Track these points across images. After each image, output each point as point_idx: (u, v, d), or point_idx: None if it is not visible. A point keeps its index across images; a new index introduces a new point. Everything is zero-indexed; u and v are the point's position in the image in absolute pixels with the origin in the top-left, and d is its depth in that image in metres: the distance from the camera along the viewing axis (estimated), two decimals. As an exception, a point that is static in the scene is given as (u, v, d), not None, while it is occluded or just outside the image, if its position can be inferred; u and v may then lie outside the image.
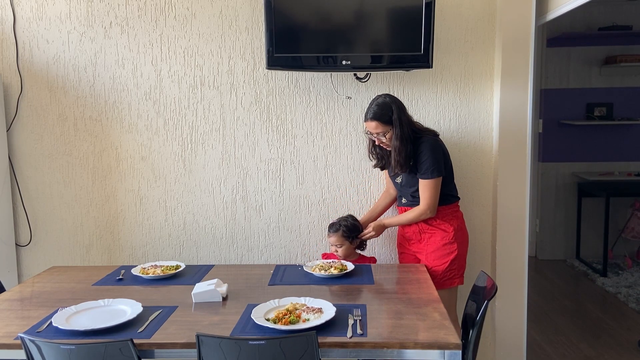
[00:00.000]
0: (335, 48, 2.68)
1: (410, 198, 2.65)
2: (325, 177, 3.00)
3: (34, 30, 2.95)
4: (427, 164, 2.52)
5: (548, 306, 4.09)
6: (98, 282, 2.42)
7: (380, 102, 2.53)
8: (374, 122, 2.51)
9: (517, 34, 2.76)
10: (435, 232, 2.61)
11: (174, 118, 2.98)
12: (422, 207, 2.57)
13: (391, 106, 2.51)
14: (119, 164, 3.02)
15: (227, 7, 2.89)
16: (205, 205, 3.03)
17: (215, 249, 3.07)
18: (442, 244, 2.58)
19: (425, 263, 2.61)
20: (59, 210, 3.07)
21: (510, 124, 2.82)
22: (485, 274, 2.25)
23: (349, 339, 1.75)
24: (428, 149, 2.53)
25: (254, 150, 2.98)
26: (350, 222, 2.71)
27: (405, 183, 2.64)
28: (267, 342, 1.65)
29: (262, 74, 2.92)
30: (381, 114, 2.50)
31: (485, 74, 2.90)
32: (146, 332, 1.84)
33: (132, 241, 3.08)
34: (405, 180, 2.63)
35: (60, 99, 3.00)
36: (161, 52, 2.93)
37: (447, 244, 2.58)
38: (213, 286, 2.13)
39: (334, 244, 2.68)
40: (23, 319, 2.00)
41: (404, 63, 2.71)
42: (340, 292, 2.23)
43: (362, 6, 2.64)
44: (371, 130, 2.54)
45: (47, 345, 1.68)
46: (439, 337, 1.75)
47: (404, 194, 2.69)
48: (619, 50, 5.00)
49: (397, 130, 2.49)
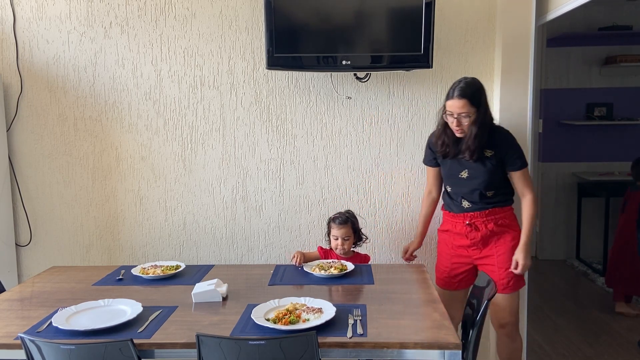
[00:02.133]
0: (335, 48, 2.68)
1: (476, 197, 2.47)
2: (325, 177, 3.00)
3: (34, 30, 2.95)
4: (518, 153, 2.45)
5: (548, 306, 4.09)
6: (98, 282, 2.42)
7: (470, 82, 2.40)
8: (463, 100, 2.34)
9: (517, 34, 2.76)
10: (506, 232, 2.50)
11: (174, 118, 2.98)
12: (531, 197, 2.46)
13: (480, 89, 2.40)
14: (119, 164, 3.03)
15: (227, 7, 2.89)
16: (205, 205, 3.03)
17: (215, 249, 3.07)
18: (512, 245, 2.48)
19: (496, 267, 2.48)
20: (59, 210, 3.08)
21: (510, 124, 2.81)
22: (486, 274, 2.25)
23: (349, 339, 1.75)
24: (514, 139, 2.45)
25: (254, 150, 2.98)
26: (353, 214, 2.71)
27: (474, 176, 2.45)
28: (267, 342, 1.65)
29: (262, 74, 2.92)
30: (472, 94, 2.36)
31: (485, 74, 2.90)
32: (146, 332, 1.84)
33: (132, 241, 3.08)
34: (473, 173, 2.45)
35: (60, 99, 3.00)
36: (161, 52, 2.93)
37: (516, 243, 2.48)
38: (213, 286, 2.13)
39: (342, 236, 2.62)
40: (23, 319, 2.00)
41: (404, 63, 2.71)
42: (340, 292, 2.23)
43: (362, 6, 2.64)
44: (456, 109, 2.36)
45: (47, 345, 1.68)
46: (439, 337, 1.75)
47: (466, 191, 2.49)
48: (619, 50, 5.00)
49: (481, 116, 2.36)
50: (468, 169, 2.47)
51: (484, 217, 2.49)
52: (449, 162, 2.54)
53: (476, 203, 2.49)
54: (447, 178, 2.58)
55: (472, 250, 2.54)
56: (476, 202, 2.49)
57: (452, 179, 2.55)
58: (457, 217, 2.55)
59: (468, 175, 2.48)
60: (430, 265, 3.03)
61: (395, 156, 2.98)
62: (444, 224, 2.66)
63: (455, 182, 2.54)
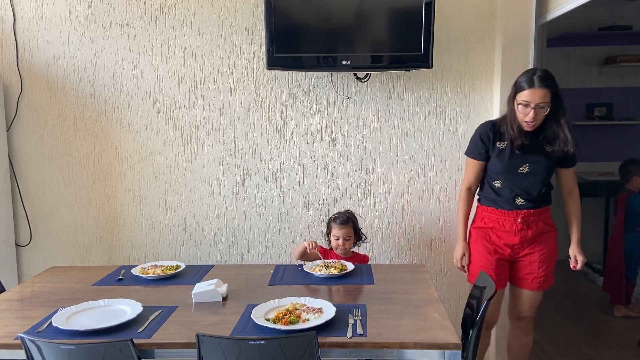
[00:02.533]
0: (335, 48, 2.68)
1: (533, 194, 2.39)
2: (325, 177, 3.00)
3: (34, 30, 2.95)
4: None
5: (548, 306, 4.09)
6: (98, 282, 2.42)
7: (547, 72, 2.31)
8: (545, 90, 2.25)
9: (517, 34, 2.76)
10: (550, 232, 2.50)
11: (174, 118, 2.98)
12: (578, 194, 2.46)
13: (555, 80, 2.32)
14: (119, 164, 3.02)
15: (227, 7, 2.89)
16: (205, 205, 3.03)
17: (215, 249, 3.07)
18: (554, 244, 2.50)
19: (536, 265, 2.47)
20: (59, 210, 3.08)
21: (510, 124, 2.82)
22: (485, 274, 2.25)
23: (349, 339, 1.75)
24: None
25: (254, 150, 2.98)
26: (353, 214, 2.71)
27: (536, 171, 2.37)
28: (267, 342, 1.65)
29: (262, 74, 2.92)
30: (554, 84, 2.28)
31: (485, 73, 2.90)
32: (146, 332, 1.84)
33: (132, 241, 3.08)
34: (535, 168, 2.37)
35: (60, 99, 3.00)
36: (161, 52, 2.93)
37: (556, 243, 2.51)
38: (213, 286, 2.13)
39: (343, 236, 2.62)
40: (23, 319, 2.00)
41: (404, 63, 2.71)
42: (340, 292, 2.23)
43: (362, 6, 2.64)
44: (536, 99, 2.25)
45: (47, 345, 1.68)
46: (439, 337, 1.75)
47: (524, 187, 2.40)
48: (619, 50, 5.00)
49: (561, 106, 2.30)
50: (530, 163, 2.39)
51: (537, 216, 2.45)
52: (507, 156, 2.41)
53: (531, 200, 2.42)
54: (502, 172, 2.44)
55: (517, 248, 2.47)
56: (532, 200, 2.42)
57: (508, 174, 2.42)
58: (507, 215, 2.45)
59: (529, 170, 2.39)
60: (431, 265, 3.04)
61: (395, 156, 2.97)
62: (482, 220, 2.53)
63: (512, 177, 2.42)
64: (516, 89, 2.33)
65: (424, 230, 3.02)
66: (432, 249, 3.03)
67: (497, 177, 2.46)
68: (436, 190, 2.99)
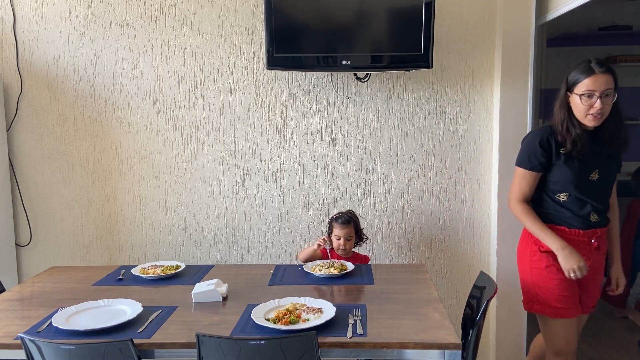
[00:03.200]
0: (335, 48, 2.68)
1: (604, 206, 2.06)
2: (325, 177, 3.00)
3: (34, 30, 2.95)
4: None
5: (548, 306, 4.08)
6: (98, 282, 2.42)
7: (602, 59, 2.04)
8: (608, 75, 1.96)
9: (517, 34, 2.76)
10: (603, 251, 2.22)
11: (174, 118, 2.98)
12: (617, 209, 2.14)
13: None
14: (119, 164, 3.02)
15: (227, 7, 2.89)
16: (205, 205, 3.03)
17: (215, 249, 3.07)
18: (604, 251, 2.22)
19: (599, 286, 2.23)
20: (59, 210, 3.08)
21: (510, 124, 2.82)
22: (485, 274, 2.25)
23: (349, 339, 1.75)
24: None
25: (254, 150, 2.98)
26: (354, 214, 2.71)
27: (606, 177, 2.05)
28: (267, 342, 1.65)
29: (262, 74, 2.92)
30: (614, 71, 1.99)
31: (485, 74, 2.90)
32: (146, 332, 1.84)
33: (132, 241, 3.08)
34: (605, 173, 2.05)
35: (60, 99, 3.00)
36: (161, 52, 2.93)
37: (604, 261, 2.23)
38: (213, 286, 2.13)
39: (345, 236, 2.61)
40: (23, 319, 2.00)
41: (404, 63, 2.71)
42: (340, 292, 2.23)
43: (362, 6, 2.64)
44: (601, 85, 1.96)
45: (47, 345, 1.68)
46: (439, 337, 1.75)
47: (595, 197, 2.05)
48: (619, 50, 4.99)
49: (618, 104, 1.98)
50: (600, 169, 2.06)
51: (604, 235, 2.13)
52: (576, 162, 2.06)
53: (602, 214, 2.08)
54: (571, 182, 2.07)
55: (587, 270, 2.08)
56: (602, 213, 2.08)
57: (579, 183, 2.06)
58: (582, 236, 2.09)
59: (599, 177, 2.06)
60: (431, 266, 3.04)
61: (395, 156, 2.97)
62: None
63: (583, 186, 2.05)
64: (571, 84, 2.07)
65: (424, 230, 3.02)
66: (432, 249, 3.03)
67: (565, 189, 2.09)
68: (436, 190, 2.99)
